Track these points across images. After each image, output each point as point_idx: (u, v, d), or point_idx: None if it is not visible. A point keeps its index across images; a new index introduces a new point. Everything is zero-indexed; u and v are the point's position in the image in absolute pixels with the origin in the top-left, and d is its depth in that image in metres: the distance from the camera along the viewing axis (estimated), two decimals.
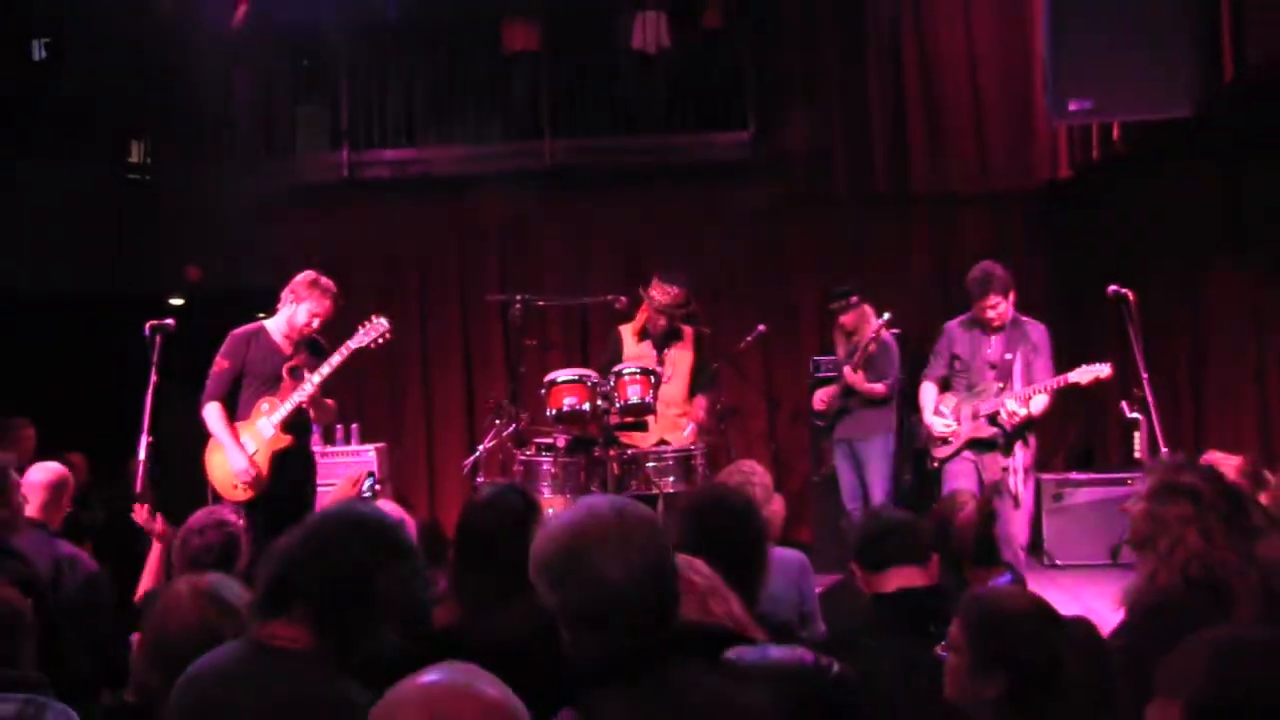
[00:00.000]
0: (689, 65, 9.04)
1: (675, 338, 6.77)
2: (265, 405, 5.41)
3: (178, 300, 8.58)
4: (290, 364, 5.45)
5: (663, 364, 6.61)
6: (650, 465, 6.38)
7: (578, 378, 6.42)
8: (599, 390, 6.29)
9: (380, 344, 5.51)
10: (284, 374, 5.42)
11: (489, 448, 7.18)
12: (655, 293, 6.64)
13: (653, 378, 6.34)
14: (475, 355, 9.15)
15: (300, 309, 5.44)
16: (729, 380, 8.35)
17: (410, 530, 2.49)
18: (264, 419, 5.40)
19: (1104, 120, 6.78)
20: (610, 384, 6.31)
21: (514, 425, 6.88)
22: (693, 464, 6.39)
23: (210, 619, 2.63)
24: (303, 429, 5.55)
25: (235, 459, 5.33)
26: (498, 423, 7.15)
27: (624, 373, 6.33)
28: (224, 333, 5.56)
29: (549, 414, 6.38)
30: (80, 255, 8.33)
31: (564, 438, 6.47)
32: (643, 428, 6.60)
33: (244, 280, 8.09)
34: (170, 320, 5.40)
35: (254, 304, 6.35)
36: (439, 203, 9.19)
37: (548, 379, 6.45)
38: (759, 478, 4.31)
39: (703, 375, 6.88)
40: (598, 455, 6.33)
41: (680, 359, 6.74)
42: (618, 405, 6.28)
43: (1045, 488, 7.50)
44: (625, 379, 6.30)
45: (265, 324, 5.56)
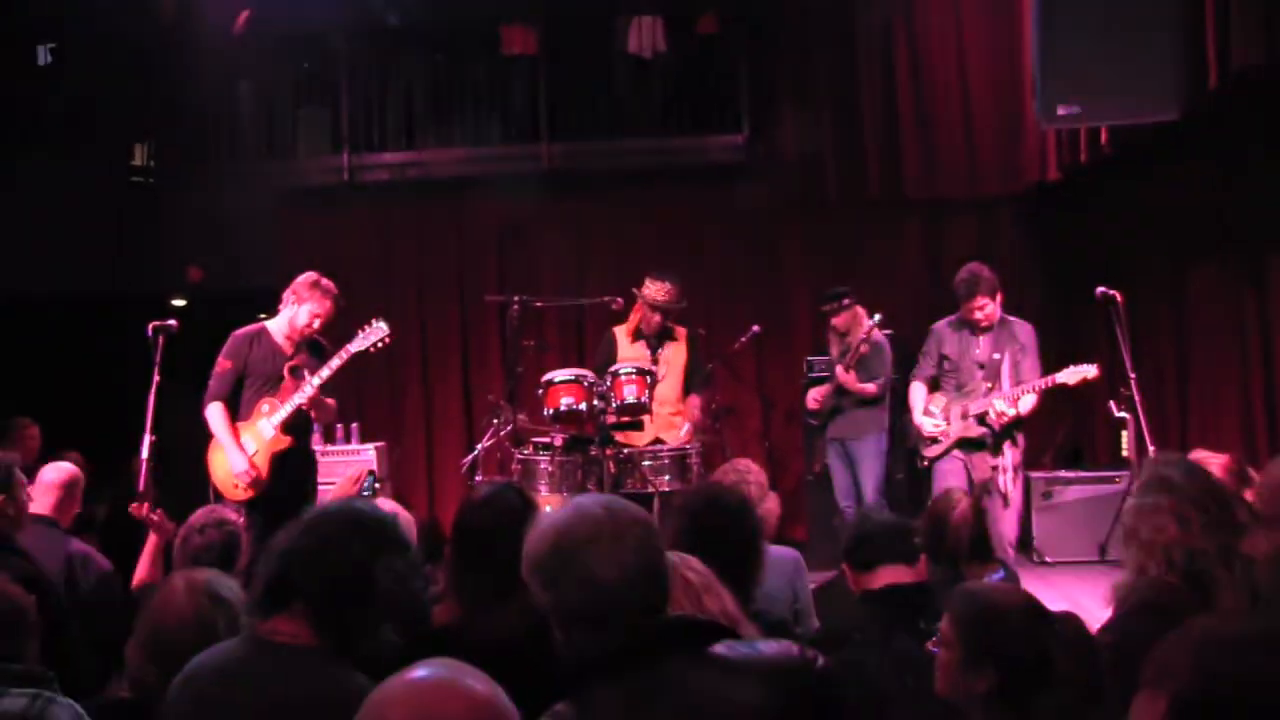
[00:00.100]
0: (685, 70, 9.10)
1: (668, 337, 6.83)
2: (266, 406, 5.43)
3: (180, 301, 8.63)
4: (291, 364, 5.48)
5: (657, 363, 6.68)
6: (646, 464, 6.44)
7: (574, 378, 6.47)
8: (596, 390, 6.34)
9: (380, 348, 5.54)
10: (285, 374, 5.45)
11: (487, 447, 7.20)
12: (649, 290, 6.71)
13: (649, 378, 6.40)
14: (474, 355, 9.20)
15: (301, 310, 5.48)
16: (724, 380, 8.44)
17: (409, 528, 2.49)
18: (265, 420, 5.43)
19: (1092, 125, 6.86)
20: (607, 384, 6.36)
21: (511, 425, 6.92)
22: (688, 463, 6.45)
23: (206, 614, 2.63)
24: (303, 429, 5.58)
25: (235, 460, 5.36)
26: (495, 422, 7.18)
27: (620, 373, 6.38)
28: (226, 333, 5.59)
29: (546, 413, 6.43)
30: (82, 256, 8.35)
31: (561, 437, 6.51)
32: (639, 427, 6.65)
33: (245, 281, 8.15)
34: (173, 321, 5.40)
35: (255, 305, 6.40)
36: (438, 204, 9.25)
37: (545, 379, 6.50)
38: (754, 476, 4.39)
39: (696, 374, 6.94)
40: (594, 454, 6.37)
41: (674, 358, 6.80)
42: (614, 405, 6.33)
43: (1034, 486, 7.57)
44: (621, 379, 6.36)
45: (267, 325, 5.59)
